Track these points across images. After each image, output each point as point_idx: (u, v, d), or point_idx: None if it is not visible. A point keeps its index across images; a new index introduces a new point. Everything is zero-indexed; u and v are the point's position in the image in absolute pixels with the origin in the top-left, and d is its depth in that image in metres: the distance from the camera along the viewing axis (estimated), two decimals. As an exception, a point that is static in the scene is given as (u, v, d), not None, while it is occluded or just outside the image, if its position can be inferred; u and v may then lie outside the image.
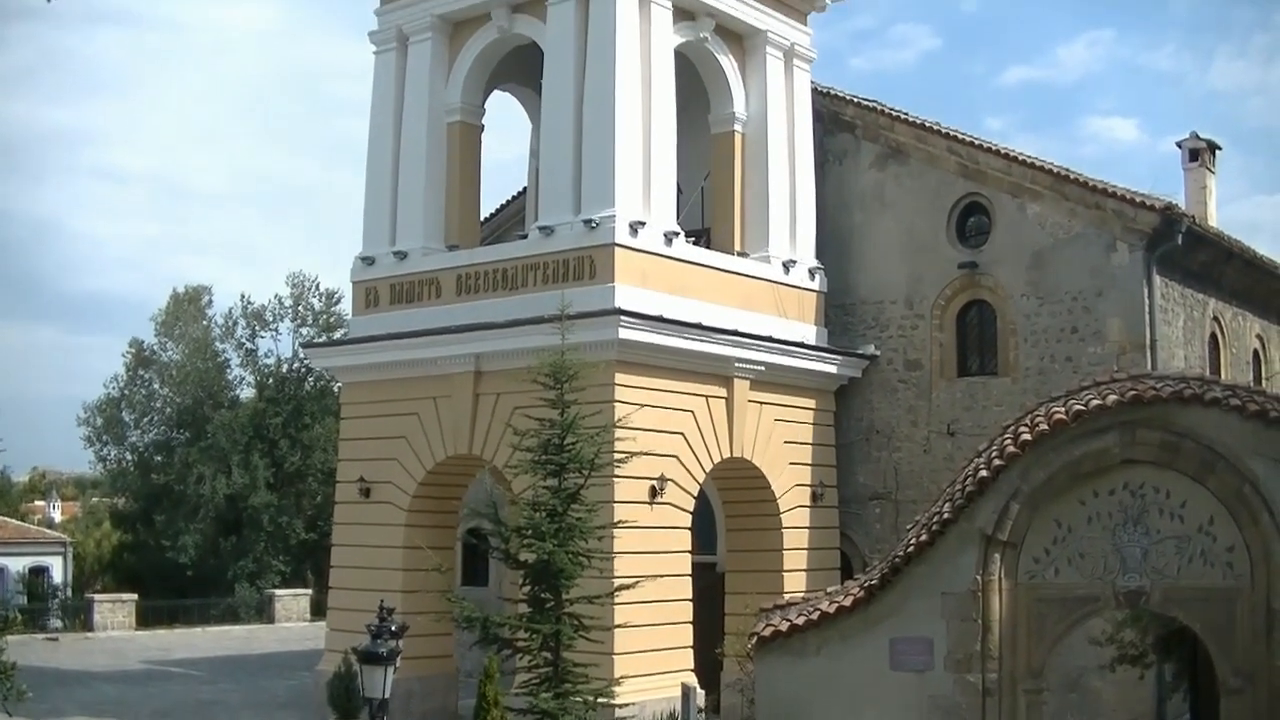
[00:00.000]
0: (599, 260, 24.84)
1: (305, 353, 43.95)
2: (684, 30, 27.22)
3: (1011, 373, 27.90)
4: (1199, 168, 35.04)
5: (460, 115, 28.16)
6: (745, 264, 27.81)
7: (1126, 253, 26.78)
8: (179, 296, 60.92)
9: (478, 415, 26.34)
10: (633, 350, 24.58)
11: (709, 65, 28.35)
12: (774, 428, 27.74)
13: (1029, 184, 27.93)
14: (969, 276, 28.45)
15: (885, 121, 29.86)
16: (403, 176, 28.35)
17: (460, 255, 27.50)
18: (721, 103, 28.54)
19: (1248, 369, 32.13)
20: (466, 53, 28.11)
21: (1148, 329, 26.52)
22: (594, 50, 25.69)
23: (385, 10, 29.10)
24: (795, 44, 29.31)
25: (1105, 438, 16.58)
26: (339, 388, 32.33)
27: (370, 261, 28.46)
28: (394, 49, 28.82)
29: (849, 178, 30.16)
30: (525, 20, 27.21)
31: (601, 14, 25.61)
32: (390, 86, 28.81)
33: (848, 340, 29.54)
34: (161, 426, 60.54)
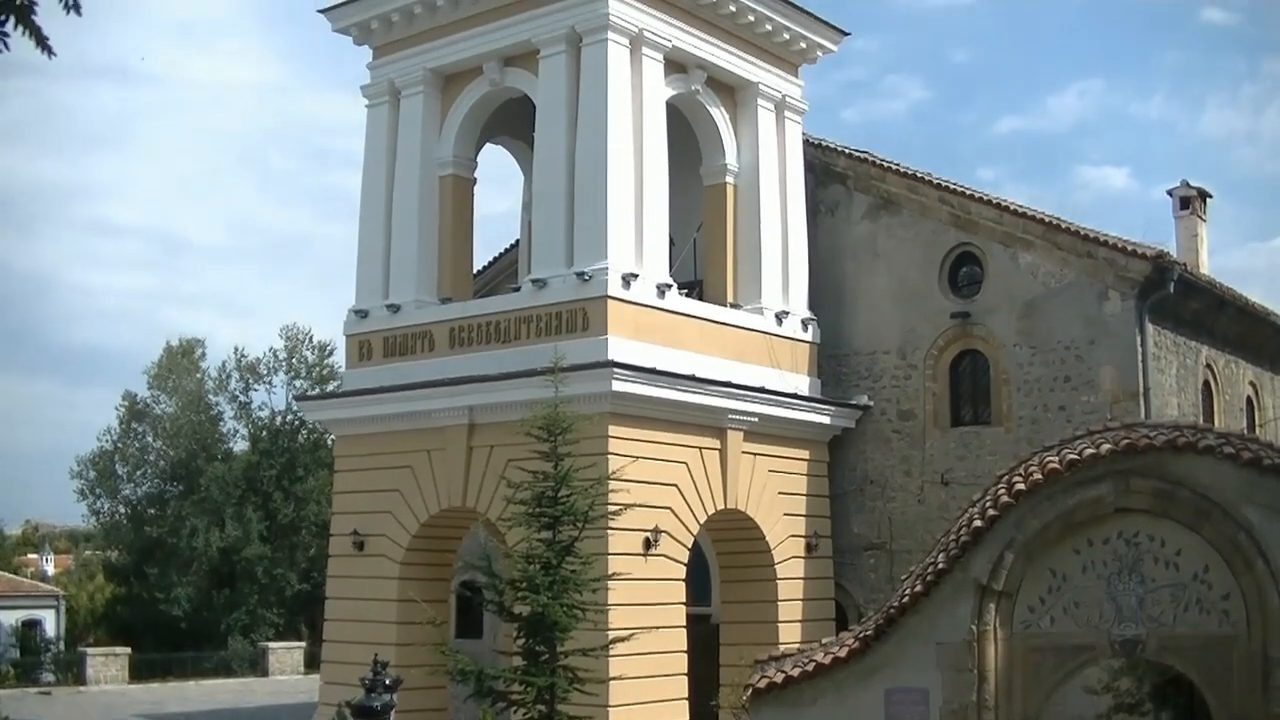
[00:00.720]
0: (592, 313, 24.87)
1: (299, 406, 43.91)
2: (676, 83, 27.36)
3: (1005, 422, 27.91)
4: (1190, 216, 35.15)
5: (453, 168, 28.25)
6: (738, 315, 27.86)
7: (1119, 301, 26.83)
8: (172, 349, 60.93)
9: (471, 468, 26.30)
10: (626, 402, 24.58)
11: (701, 117, 28.48)
12: (768, 479, 27.72)
13: (1021, 233, 28.00)
14: (962, 326, 28.48)
15: (877, 172, 29.97)
16: (396, 229, 28.42)
17: (453, 308, 27.53)
18: (713, 154, 28.66)
19: (1241, 416, 32.15)
20: (459, 106, 28.22)
21: (1141, 377, 26.54)
22: (586, 103, 25.80)
23: (377, 64, 29.23)
24: (786, 96, 29.47)
25: (1099, 487, 16.56)
26: (333, 440, 32.29)
27: (363, 314, 28.48)
28: (386, 102, 28.93)
29: (841, 228, 30.24)
30: (517, 73, 27.34)
31: (593, 67, 25.75)
32: (383, 140, 28.91)
33: (841, 391, 29.55)
34: (155, 479, 60.45)
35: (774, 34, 28.93)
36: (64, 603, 61.37)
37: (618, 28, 25.69)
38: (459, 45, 27.80)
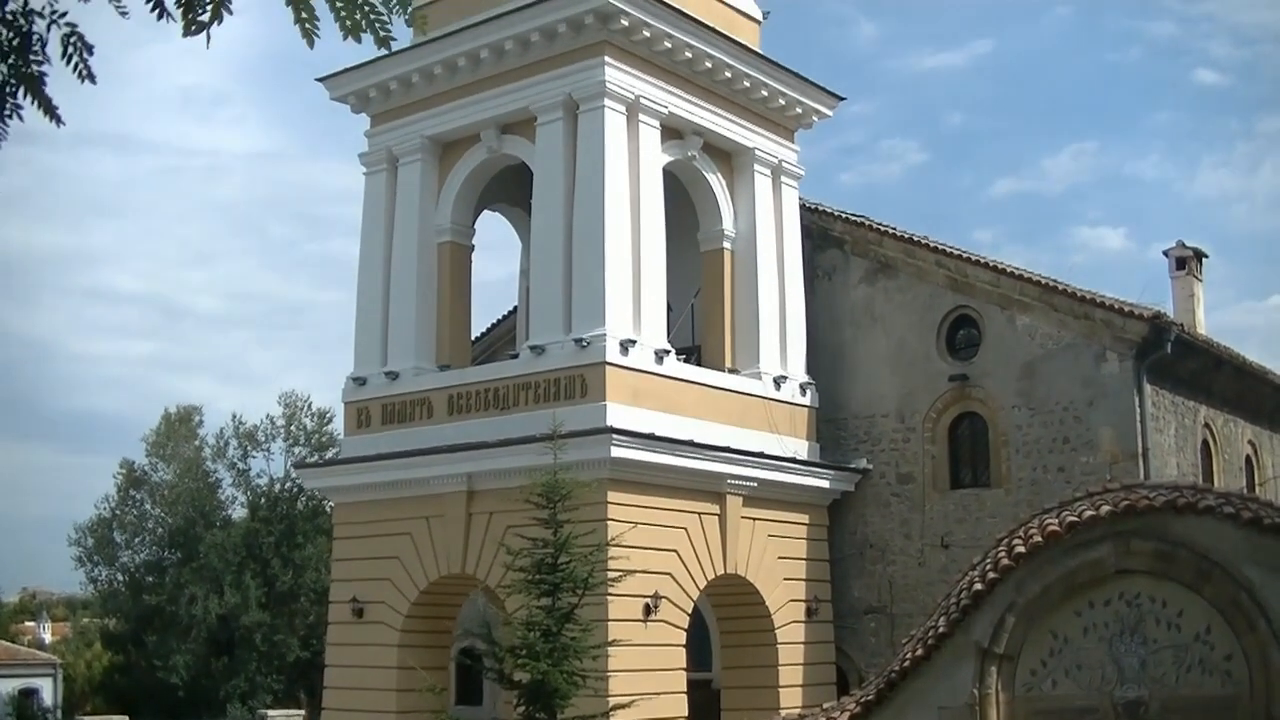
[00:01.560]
0: (590, 379, 24.90)
1: (298, 473, 43.86)
2: (672, 149, 27.53)
3: (1004, 484, 27.90)
4: (1186, 276, 35.27)
5: (450, 235, 28.35)
6: (736, 380, 27.90)
7: (1117, 362, 26.89)
8: (170, 417, 60.88)
9: (470, 535, 26.26)
10: (625, 468, 24.58)
11: (697, 183, 28.64)
12: (767, 543, 27.67)
13: (1018, 295, 28.09)
14: (960, 389, 28.52)
15: (873, 236, 30.11)
16: (394, 297, 28.49)
17: (452, 375, 27.56)
18: (710, 220, 28.78)
19: (1240, 475, 32.14)
20: (456, 173, 28.36)
21: (1139, 438, 26.57)
22: (583, 170, 25.94)
23: (375, 132, 29.39)
24: (783, 161, 29.64)
25: (1099, 548, 16.54)
26: (331, 507, 32.25)
27: (362, 382, 28.50)
28: (384, 170, 29.06)
29: (839, 293, 30.34)
30: (514, 140, 27.50)
31: (590, 134, 25.90)
32: (381, 207, 29.03)
33: (840, 454, 29.55)
34: (153, 547, 60.23)
35: (770, 100, 29.13)
36: (61, 671, 61.10)
37: (614, 95, 25.86)
38: (456, 113, 27.97)
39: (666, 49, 26.72)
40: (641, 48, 26.43)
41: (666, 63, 26.99)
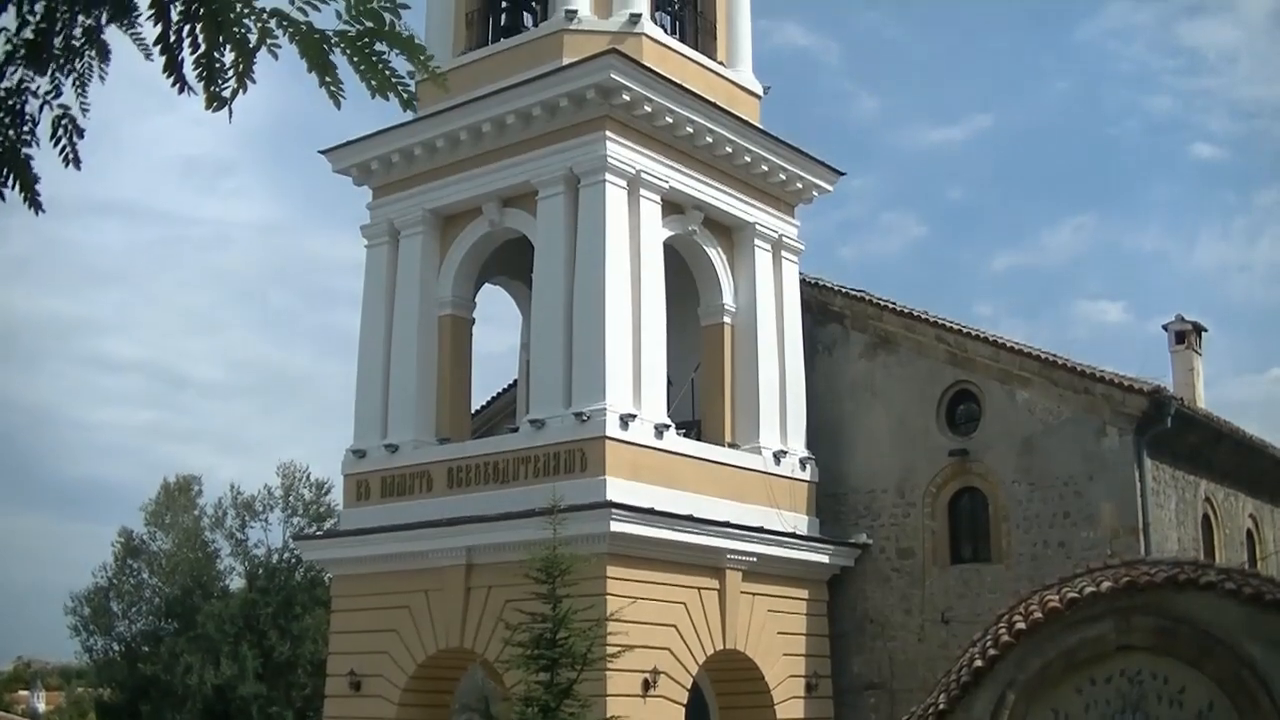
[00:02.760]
0: (590, 453, 24.88)
1: (296, 545, 43.75)
2: (673, 224, 27.63)
3: (1005, 559, 27.82)
4: (1186, 350, 35.31)
5: (451, 308, 28.41)
6: (736, 455, 27.86)
7: (1117, 436, 26.88)
8: (169, 486, 60.83)
9: (469, 609, 26.13)
10: (625, 543, 24.51)
11: (698, 257, 28.72)
12: (767, 618, 27.55)
13: (1017, 370, 28.13)
14: (960, 464, 28.50)
15: (873, 311, 30.18)
16: (394, 369, 28.50)
17: (451, 448, 27.53)
18: (711, 294, 28.85)
19: (1242, 549, 32.08)
20: (457, 246, 28.46)
21: (1140, 512, 26.53)
22: (584, 244, 26.03)
23: (377, 204, 29.50)
24: (783, 236, 29.75)
25: (1100, 625, 16.49)
26: (330, 579, 32.13)
27: (361, 454, 28.46)
28: (386, 243, 29.14)
29: (839, 367, 30.37)
30: (515, 214, 27.61)
31: (591, 208, 26.01)
32: (382, 279, 29.09)
33: (840, 529, 29.49)
34: (150, 616, 59.99)
35: (770, 175, 29.28)
36: (56, 742, 60.79)
37: (615, 169, 26.00)
38: (458, 186, 28.09)
39: (667, 124, 26.88)
40: (642, 123, 26.59)
41: (667, 137, 27.14)
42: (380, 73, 6.87)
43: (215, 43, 6.84)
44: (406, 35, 6.90)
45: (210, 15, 6.81)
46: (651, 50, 27.34)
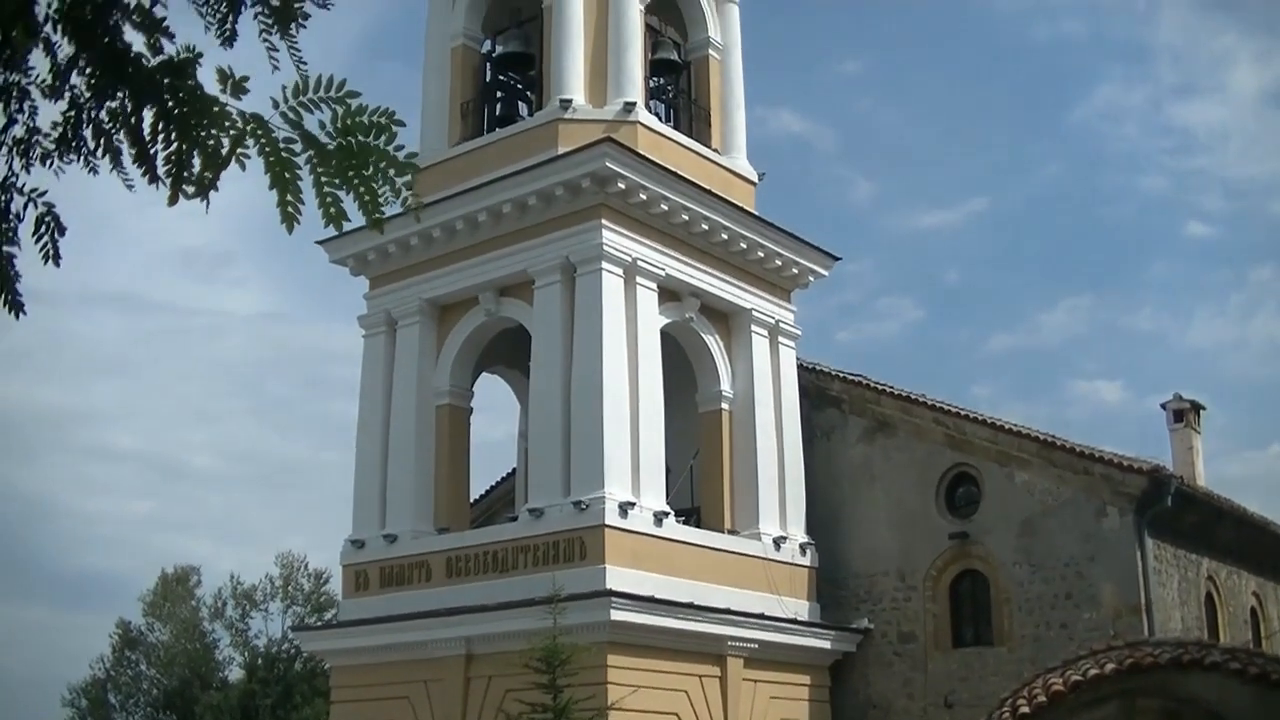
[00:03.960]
0: (589, 542, 24.79)
1: (295, 636, 43.56)
2: (670, 311, 27.68)
3: (1007, 642, 27.67)
4: (1184, 428, 35.28)
5: (449, 398, 28.38)
6: (736, 542, 27.76)
7: (1117, 516, 26.81)
8: (167, 577, 60.67)
9: (469, 699, 25.93)
10: (625, 632, 24.37)
11: (695, 344, 28.74)
12: (769, 705, 27.34)
13: (1016, 452, 28.09)
14: (960, 547, 28.41)
15: (871, 395, 30.19)
16: (392, 459, 28.43)
17: (450, 538, 27.43)
18: (708, 381, 28.85)
19: (1245, 628, 31.91)
20: (455, 336, 28.47)
21: (1142, 592, 26.40)
22: (581, 333, 26.05)
23: (374, 295, 29.55)
24: (780, 321, 29.79)
25: (1105, 707, 16.44)
26: (329, 669, 31.91)
27: (360, 544, 28.35)
28: (383, 332, 29.17)
29: (837, 452, 30.33)
30: (512, 303, 27.65)
31: (588, 297, 26.06)
32: (379, 369, 29.09)
33: (841, 614, 29.34)
34: (148, 708, 59.65)
35: (766, 261, 29.36)
36: (52, 836, 60.09)
37: (612, 258, 26.07)
38: (455, 276, 28.15)
39: (663, 211, 26.98)
40: (638, 211, 26.70)
41: (663, 225, 27.24)
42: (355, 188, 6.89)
43: (189, 143, 6.87)
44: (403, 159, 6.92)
45: (183, 118, 6.84)
46: (646, 138, 27.48)
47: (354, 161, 6.81)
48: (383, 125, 6.81)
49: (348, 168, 6.82)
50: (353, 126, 6.75)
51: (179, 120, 6.84)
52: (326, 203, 6.89)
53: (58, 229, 7.31)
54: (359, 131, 6.77)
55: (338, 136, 6.77)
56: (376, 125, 6.79)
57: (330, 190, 6.86)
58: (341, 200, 6.90)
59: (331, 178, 6.84)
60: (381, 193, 6.95)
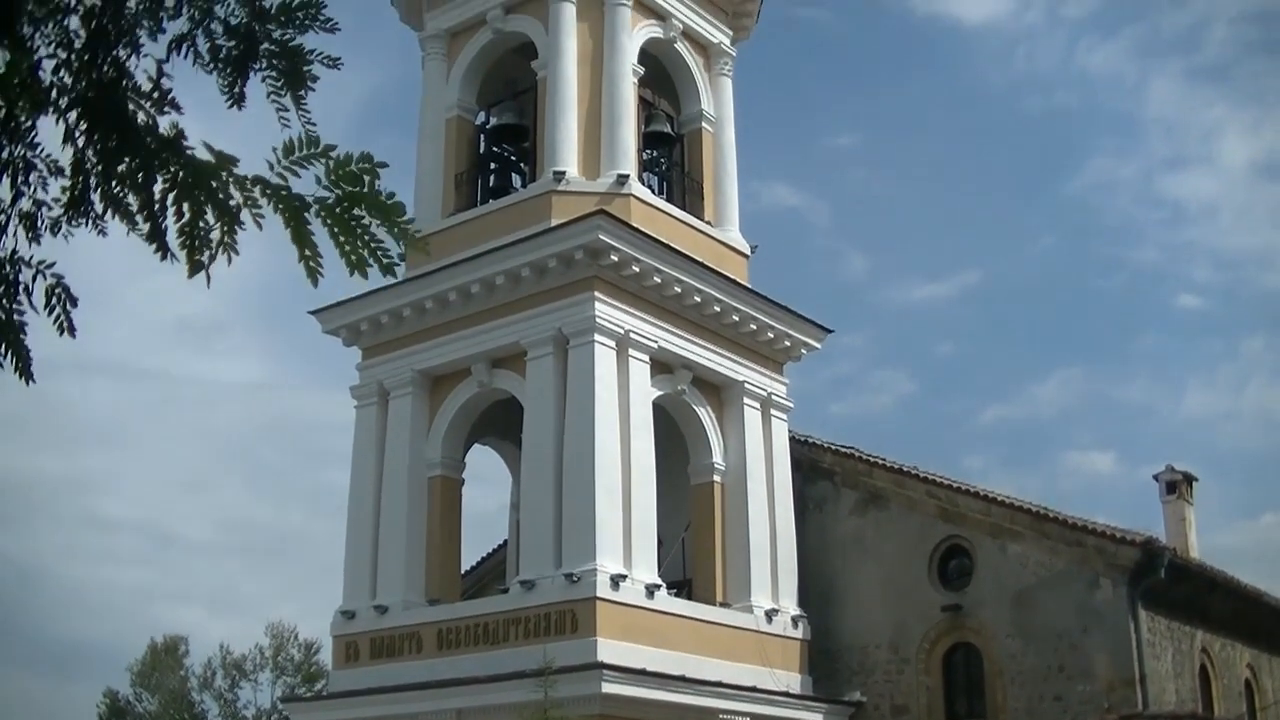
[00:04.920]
0: (581, 614, 24.69)
1: (285, 707, 43.27)
2: (662, 383, 27.70)
3: (1001, 715, 27.54)
4: (1177, 500, 35.31)
5: (441, 469, 28.34)
6: (727, 614, 27.64)
7: (1110, 589, 26.77)
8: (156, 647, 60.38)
9: (461, 771, 25.83)
10: (616, 704, 24.21)
11: (687, 417, 28.74)
12: (762, 778, 27.21)
13: (1008, 524, 28.07)
14: (953, 619, 28.33)
15: (863, 468, 30.20)
16: (383, 530, 28.35)
17: (441, 609, 27.33)
18: (700, 454, 28.84)
19: (1240, 700, 31.81)
20: (447, 407, 28.46)
21: (1136, 665, 26.31)
22: (573, 405, 26.06)
23: (366, 365, 29.56)
24: (772, 394, 29.82)
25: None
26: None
27: (350, 615, 28.24)
28: (375, 403, 29.15)
29: (829, 524, 30.30)
30: (505, 375, 27.66)
31: (580, 369, 26.08)
32: (371, 440, 29.06)
33: (833, 687, 29.18)
34: (136, 779, 59.28)
35: (759, 334, 29.42)
36: None
37: (604, 330, 26.11)
38: (447, 347, 28.17)
39: (656, 284, 27.06)
40: (631, 283, 26.77)
41: (656, 297, 27.31)
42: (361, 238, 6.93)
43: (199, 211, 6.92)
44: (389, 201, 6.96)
45: (193, 183, 6.90)
46: (639, 211, 27.61)
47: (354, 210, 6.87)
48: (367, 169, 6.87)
49: (350, 217, 6.88)
50: (344, 176, 6.82)
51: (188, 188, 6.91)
52: (346, 251, 6.94)
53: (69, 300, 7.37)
54: (349, 180, 6.83)
55: (333, 188, 6.83)
56: (363, 171, 6.85)
57: (346, 240, 6.92)
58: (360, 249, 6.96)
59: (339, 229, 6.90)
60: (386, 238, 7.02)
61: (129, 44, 7.10)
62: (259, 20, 7.16)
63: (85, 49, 7.02)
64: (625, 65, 28.69)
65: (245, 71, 7.21)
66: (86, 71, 7.01)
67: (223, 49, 7.22)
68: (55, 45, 7.04)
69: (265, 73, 7.19)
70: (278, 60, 7.17)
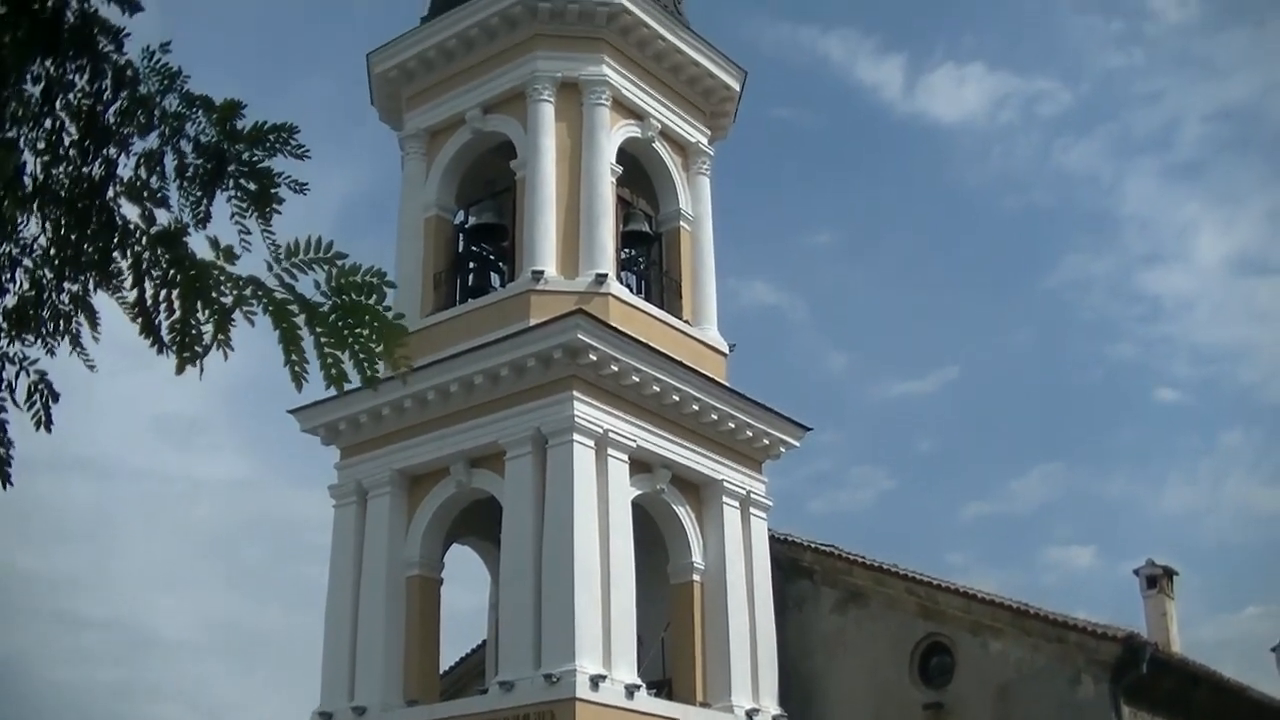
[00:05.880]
0: (560, 715, 24.43)
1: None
2: (641, 482, 27.65)
3: (986, 813, 27.38)
4: (1158, 594, 35.32)
5: (419, 569, 28.16)
6: (708, 715, 27.39)
7: (1092, 685, 26.68)
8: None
9: None
10: (596, 807, 24.06)
11: (666, 516, 28.67)
12: None
13: (989, 621, 28.00)
14: (934, 716, 28.14)
15: (843, 566, 30.14)
16: (361, 629, 28.13)
17: (420, 711, 27.06)
18: (679, 553, 28.72)
19: (1227, 796, 31.60)
20: (425, 507, 28.34)
21: (1120, 760, 26.21)
22: (552, 504, 25.98)
23: (345, 464, 29.47)
24: (751, 493, 29.75)
25: None
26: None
27: (328, 716, 27.89)
28: (353, 502, 29.01)
29: (809, 623, 30.17)
30: (484, 474, 27.59)
31: (559, 469, 26.04)
32: (349, 539, 28.87)
33: (815, 787, 28.98)
34: None
35: (737, 432, 29.40)
36: None
37: (583, 429, 26.09)
38: (426, 446, 28.11)
39: (635, 383, 27.07)
40: (610, 382, 26.79)
41: (635, 396, 27.32)
42: (351, 348, 6.95)
43: (191, 309, 6.94)
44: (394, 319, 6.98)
45: (188, 282, 6.93)
46: (618, 310, 27.68)
47: (350, 320, 6.88)
48: (374, 285, 6.90)
49: (343, 328, 6.89)
50: (346, 286, 6.84)
51: (181, 287, 6.94)
52: (328, 364, 6.97)
53: (51, 396, 7.39)
54: (352, 290, 6.85)
55: (332, 296, 6.85)
56: (368, 285, 6.88)
57: (330, 351, 6.93)
58: (342, 361, 6.98)
59: (329, 338, 6.91)
60: (376, 352, 7.03)
61: (119, 143, 7.17)
62: (229, 140, 7.21)
63: (75, 146, 7.08)
64: (603, 165, 28.89)
65: (213, 191, 7.26)
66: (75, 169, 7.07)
67: (190, 167, 7.27)
68: (40, 146, 7.10)
69: (232, 193, 7.24)
70: (246, 181, 7.22)
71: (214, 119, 7.17)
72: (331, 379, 7.04)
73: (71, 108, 7.07)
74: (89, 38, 6.99)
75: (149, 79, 7.16)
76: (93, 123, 7.05)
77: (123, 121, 7.11)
